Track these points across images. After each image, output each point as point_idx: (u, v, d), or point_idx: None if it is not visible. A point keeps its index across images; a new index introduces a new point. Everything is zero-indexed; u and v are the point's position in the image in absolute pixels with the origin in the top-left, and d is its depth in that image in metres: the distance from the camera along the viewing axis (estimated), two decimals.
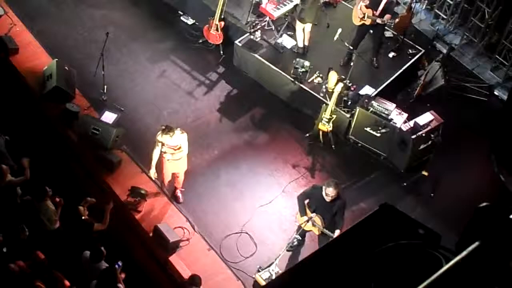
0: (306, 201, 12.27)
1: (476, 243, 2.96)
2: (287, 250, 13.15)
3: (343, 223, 12.06)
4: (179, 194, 14.07)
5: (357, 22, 15.82)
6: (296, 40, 16.72)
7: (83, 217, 12.42)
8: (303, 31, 16.37)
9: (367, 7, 15.47)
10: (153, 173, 13.41)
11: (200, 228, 13.64)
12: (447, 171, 15.16)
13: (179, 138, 13.00)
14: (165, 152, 13.09)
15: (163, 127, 12.88)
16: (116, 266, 11.39)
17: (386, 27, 16.26)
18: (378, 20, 15.37)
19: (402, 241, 3.17)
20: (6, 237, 11.82)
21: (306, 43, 16.63)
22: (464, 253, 2.88)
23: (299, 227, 12.66)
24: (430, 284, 2.76)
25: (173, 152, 13.08)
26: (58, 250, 12.36)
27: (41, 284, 11.41)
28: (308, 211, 12.21)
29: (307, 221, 12.13)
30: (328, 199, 11.86)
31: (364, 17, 15.54)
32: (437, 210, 14.51)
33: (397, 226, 3.32)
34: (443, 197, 14.82)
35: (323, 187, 11.87)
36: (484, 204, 3.19)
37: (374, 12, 15.40)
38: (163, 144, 12.99)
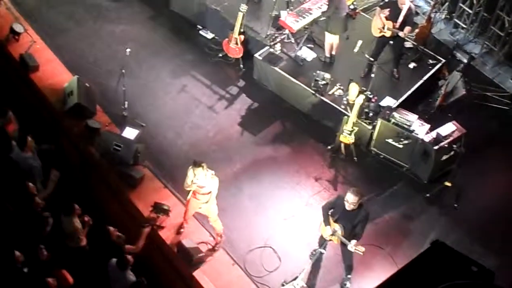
0: (331, 211, 12.19)
1: None
2: (310, 258, 13.20)
3: (361, 235, 12.00)
4: (218, 239, 13.53)
5: (376, 33, 15.80)
6: (324, 49, 16.84)
7: (112, 238, 12.41)
8: (330, 42, 16.40)
9: (387, 18, 15.44)
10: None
11: (224, 242, 13.59)
12: (471, 182, 15.06)
13: (210, 181, 12.60)
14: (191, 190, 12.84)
15: (194, 161, 12.54)
16: None
17: (406, 38, 16.18)
18: (400, 33, 15.32)
19: (459, 281, 3.12)
20: (27, 257, 11.84)
21: (334, 53, 16.66)
22: None
23: (322, 238, 12.62)
24: None
25: (200, 195, 12.79)
26: (84, 268, 12.40)
27: None
28: (331, 221, 12.14)
29: (332, 234, 12.06)
30: (348, 207, 11.74)
31: (384, 28, 15.50)
32: (461, 221, 14.45)
33: (449, 263, 3.27)
34: (466, 208, 14.72)
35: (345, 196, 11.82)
36: None
37: (394, 23, 15.37)
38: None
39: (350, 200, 11.69)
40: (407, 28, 15.32)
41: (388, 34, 15.57)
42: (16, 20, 17.21)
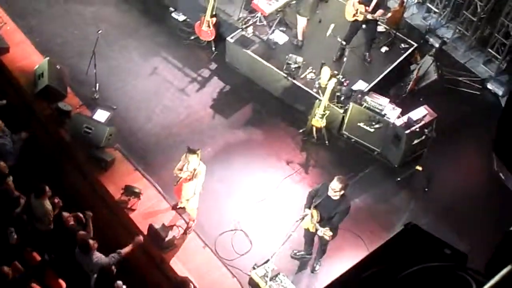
0: (315, 198, 12.21)
1: (509, 267, 2.88)
2: (292, 257, 13.43)
3: (336, 226, 12.11)
4: (190, 223, 13.59)
5: (350, 18, 15.76)
6: (297, 33, 16.82)
7: (68, 224, 12.34)
8: (302, 25, 16.45)
9: (360, 2, 15.42)
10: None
11: (195, 225, 13.57)
12: (441, 166, 15.17)
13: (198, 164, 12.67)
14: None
15: (188, 148, 12.56)
16: None
17: (378, 22, 16.21)
18: (369, 16, 15.36)
19: (431, 263, 3.11)
20: None
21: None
22: (497, 278, 2.81)
23: (307, 232, 12.75)
24: None
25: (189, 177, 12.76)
26: (54, 250, 12.36)
27: (37, 285, 11.41)
28: (312, 207, 12.15)
29: (303, 218, 12.09)
30: (331, 194, 11.76)
31: (357, 13, 15.49)
32: (431, 205, 14.57)
33: (422, 246, 3.27)
34: (437, 192, 14.83)
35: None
36: None
37: (367, 8, 15.36)
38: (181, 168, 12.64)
39: (334, 187, 11.73)
40: (379, 11, 15.35)
41: (360, 18, 15.56)
42: None
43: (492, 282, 2.78)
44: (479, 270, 3.12)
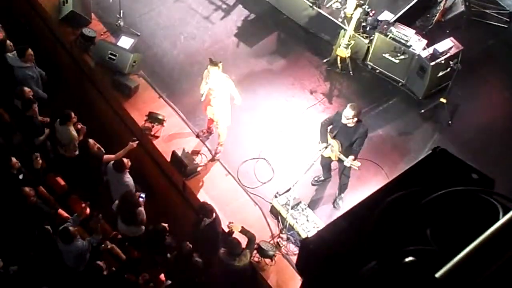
0: (330, 127, 12.21)
1: None
2: (312, 184, 13.47)
3: (358, 152, 12.09)
4: (218, 149, 13.71)
5: None
6: None
7: (93, 151, 12.44)
8: None
9: None
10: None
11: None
12: (466, 99, 15.07)
13: (222, 83, 12.74)
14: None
15: (210, 59, 12.63)
16: (140, 198, 11.69)
17: None
18: None
19: (458, 187, 3.11)
20: (23, 164, 11.93)
21: None
22: None
23: (323, 159, 12.78)
24: (491, 235, 2.70)
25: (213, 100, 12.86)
26: (79, 176, 12.52)
27: (63, 211, 11.59)
28: (329, 137, 12.18)
29: (326, 147, 12.11)
30: (345, 121, 11.81)
31: None
32: (455, 137, 14.49)
33: (450, 170, 3.26)
34: (461, 125, 14.75)
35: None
36: None
37: None
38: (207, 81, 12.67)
39: (347, 114, 11.74)
40: None
41: None
42: None
43: None
44: (506, 195, 3.11)
